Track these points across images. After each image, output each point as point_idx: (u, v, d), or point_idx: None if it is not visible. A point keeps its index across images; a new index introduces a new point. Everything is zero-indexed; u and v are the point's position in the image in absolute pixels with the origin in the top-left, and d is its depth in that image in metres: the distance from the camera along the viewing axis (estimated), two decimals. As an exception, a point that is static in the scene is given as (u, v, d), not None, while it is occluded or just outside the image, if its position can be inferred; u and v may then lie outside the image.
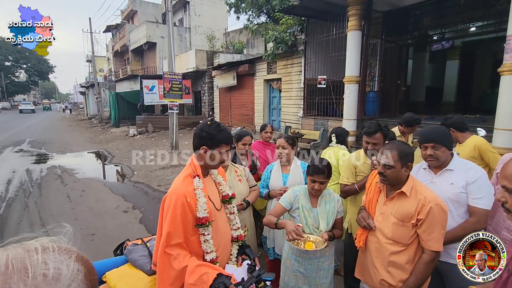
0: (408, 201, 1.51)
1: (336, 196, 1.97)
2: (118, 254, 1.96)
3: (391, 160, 1.52)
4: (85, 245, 3.81)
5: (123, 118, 17.10)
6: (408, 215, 1.50)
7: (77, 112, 37.27)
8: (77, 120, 25.98)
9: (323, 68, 8.22)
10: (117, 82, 21.38)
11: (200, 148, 1.48)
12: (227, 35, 16.73)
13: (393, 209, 1.56)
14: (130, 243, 1.91)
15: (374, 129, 2.13)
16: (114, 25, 25.52)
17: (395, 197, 1.57)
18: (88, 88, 27.28)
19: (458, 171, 1.72)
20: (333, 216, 1.90)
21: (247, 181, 2.49)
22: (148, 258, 1.74)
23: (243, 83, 11.93)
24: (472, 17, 6.98)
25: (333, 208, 1.92)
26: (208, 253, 1.45)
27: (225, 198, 1.65)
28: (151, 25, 18.69)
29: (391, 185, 1.59)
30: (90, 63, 28.66)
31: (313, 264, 1.91)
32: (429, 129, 1.82)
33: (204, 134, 1.47)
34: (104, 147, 11.49)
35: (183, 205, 1.39)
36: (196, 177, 1.48)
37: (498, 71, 4.59)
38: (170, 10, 8.91)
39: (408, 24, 8.09)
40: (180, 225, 1.38)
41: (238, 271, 1.43)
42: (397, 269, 1.54)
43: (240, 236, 1.67)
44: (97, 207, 5.12)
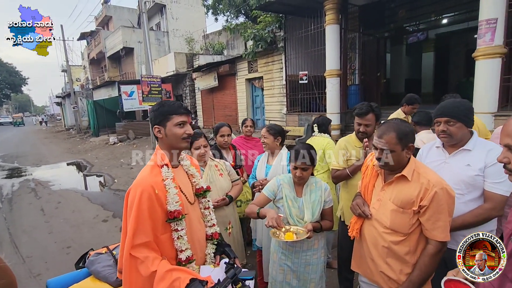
0: (409, 186, 1.35)
1: (323, 184, 1.82)
2: (80, 267, 1.75)
3: (389, 144, 1.34)
4: (60, 259, 3.53)
5: (102, 127, 16.49)
6: (409, 201, 1.34)
7: (54, 124, 35.76)
8: (54, 132, 24.88)
9: (304, 63, 8.19)
10: (94, 90, 20.66)
11: (153, 130, 1.33)
12: (206, 37, 16.52)
13: (391, 194, 1.40)
14: (93, 253, 1.71)
15: (366, 109, 1.99)
16: (89, 32, 24.70)
17: (394, 181, 1.41)
18: (65, 98, 26.21)
19: (477, 152, 1.53)
20: (319, 205, 1.75)
21: (229, 175, 2.33)
22: (113, 268, 1.56)
23: (225, 83, 11.77)
24: (444, 7, 7.15)
25: (320, 197, 1.76)
26: (183, 251, 1.28)
27: (199, 191, 1.47)
28: (127, 30, 18.19)
29: (390, 169, 1.41)
30: (65, 72, 27.60)
31: (300, 258, 1.78)
32: (445, 103, 1.61)
33: (151, 114, 1.35)
34: (83, 157, 10.98)
35: (150, 198, 1.20)
36: (164, 167, 1.30)
37: (472, 56, 4.68)
38: (145, 12, 8.65)
39: (384, 17, 8.21)
40: (148, 222, 1.19)
41: (215, 272, 1.26)
42: (397, 261, 1.39)
43: (215, 234, 1.49)
44: (74, 218, 4.79)
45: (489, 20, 4.31)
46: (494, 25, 4.30)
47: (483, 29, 4.40)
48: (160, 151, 1.35)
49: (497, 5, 4.24)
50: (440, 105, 1.63)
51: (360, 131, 2.03)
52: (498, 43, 4.31)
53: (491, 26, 4.32)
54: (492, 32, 4.32)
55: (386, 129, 1.36)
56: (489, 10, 4.31)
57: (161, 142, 1.35)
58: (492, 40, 4.34)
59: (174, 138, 1.31)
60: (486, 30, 4.37)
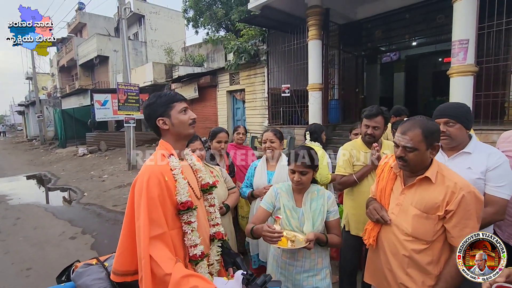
0: (434, 189, 1.24)
1: (326, 192, 1.62)
2: (63, 281, 1.47)
3: (413, 141, 1.23)
4: (18, 283, 3.05)
5: (71, 138, 15.42)
6: (433, 206, 1.23)
7: (15, 135, 33.01)
8: (14, 142, 22.94)
9: (286, 77, 8.30)
10: (63, 98, 19.47)
11: (157, 123, 1.22)
12: (186, 49, 16.39)
13: (413, 198, 1.29)
14: (81, 264, 1.44)
15: (376, 111, 1.94)
16: (60, 39, 23.55)
17: (416, 184, 1.29)
18: (28, 107, 24.42)
19: (477, 155, 1.49)
20: (321, 215, 1.55)
21: (225, 183, 2.16)
22: (105, 282, 1.31)
23: (205, 95, 11.60)
24: (416, 29, 7.67)
25: (322, 206, 1.57)
26: (197, 245, 1.14)
27: (205, 187, 1.35)
28: (102, 38, 17.57)
29: (412, 171, 1.30)
30: (30, 80, 25.85)
31: (301, 280, 1.55)
32: (443, 104, 1.57)
33: (148, 108, 1.24)
34: (47, 169, 10.09)
35: (160, 185, 1.09)
36: (171, 156, 1.20)
37: (447, 73, 4.96)
38: (124, 18, 8.38)
39: (361, 36, 8.64)
40: (160, 210, 1.07)
41: (230, 285, 1.08)
42: (418, 271, 1.27)
43: (218, 234, 1.36)
44: (36, 236, 4.26)
45: (462, 40, 4.63)
46: (466, 45, 4.62)
47: (456, 48, 4.71)
48: (165, 143, 1.24)
49: (468, 27, 4.58)
50: (438, 107, 1.61)
51: (368, 133, 1.96)
52: (470, 62, 4.62)
53: (463, 46, 4.63)
54: (465, 51, 4.63)
55: (412, 125, 1.26)
56: (461, 32, 4.64)
57: (167, 134, 1.25)
58: (465, 59, 4.65)
59: (182, 125, 1.23)
60: (459, 49, 4.68)
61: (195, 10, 14.14)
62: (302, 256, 1.56)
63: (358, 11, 7.79)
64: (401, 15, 7.47)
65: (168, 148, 1.23)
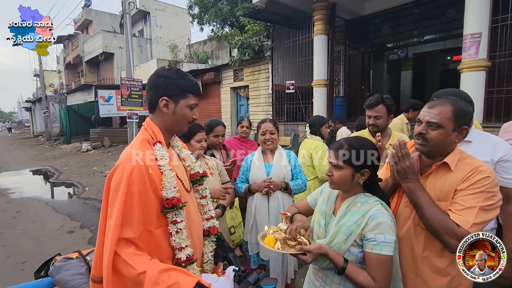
0: (453, 176, 1.09)
1: (373, 211, 1.10)
2: (42, 276, 1.37)
3: (440, 117, 1.07)
4: (12, 276, 2.99)
5: (75, 133, 15.51)
6: (450, 191, 1.09)
7: (22, 131, 33.39)
8: (21, 138, 23.17)
9: (291, 73, 8.16)
10: (68, 94, 19.57)
11: (159, 100, 1.05)
12: (190, 46, 16.32)
13: (432, 188, 1.12)
14: (60, 258, 1.34)
15: (376, 100, 1.86)
16: (66, 36, 23.75)
17: (433, 172, 1.14)
18: (35, 103, 24.66)
19: (478, 143, 1.39)
20: (346, 234, 1.10)
21: (219, 176, 2.04)
22: (86, 277, 1.21)
23: (209, 92, 11.51)
24: (425, 25, 7.45)
25: (354, 224, 1.10)
26: (182, 248, 1.00)
27: (195, 177, 1.21)
28: (108, 35, 17.61)
29: (429, 154, 1.14)
30: (38, 77, 26.09)
31: None
32: (444, 90, 1.49)
33: (163, 80, 1.05)
34: (51, 164, 10.12)
35: (142, 178, 0.94)
36: (157, 144, 1.04)
37: (458, 69, 4.78)
38: (128, 13, 8.32)
39: (368, 32, 8.45)
40: (137, 210, 0.91)
41: (220, 282, 0.97)
42: (438, 274, 1.14)
43: (213, 229, 1.23)
44: (34, 230, 4.21)
45: (474, 34, 4.44)
46: (478, 39, 4.43)
47: (468, 42, 4.52)
48: (152, 124, 1.08)
49: (481, 20, 4.39)
50: (436, 93, 1.51)
51: (370, 124, 1.89)
52: (482, 56, 4.44)
53: (475, 40, 4.45)
54: (477, 45, 4.45)
55: (442, 101, 1.12)
56: (473, 25, 4.45)
57: (161, 118, 1.09)
58: (477, 54, 4.46)
59: (181, 120, 1.09)
60: (471, 44, 4.49)
61: (200, 6, 14.05)
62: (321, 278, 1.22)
63: (365, 6, 7.60)
64: (410, 10, 7.27)
65: (156, 133, 1.07)
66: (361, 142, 1.17)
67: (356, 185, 1.18)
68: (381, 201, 1.15)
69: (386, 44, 9.38)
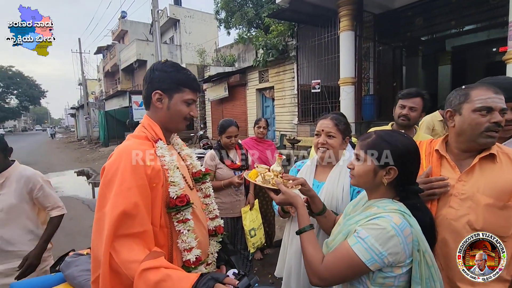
0: (502, 170, 1.00)
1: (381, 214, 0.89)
2: (56, 271, 1.42)
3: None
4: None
5: (112, 137, 16.56)
6: (508, 190, 0.98)
7: (68, 135, 36.35)
8: (66, 142, 25.28)
9: (316, 73, 7.96)
10: (106, 100, 21.03)
11: (152, 94, 1.01)
12: (218, 50, 16.69)
13: (479, 185, 1.02)
14: (72, 254, 1.39)
15: (416, 91, 1.76)
16: (105, 46, 25.56)
17: (477, 165, 1.04)
18: (79, 109, 26.82)
19: None
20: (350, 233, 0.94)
21: None
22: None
23: (235, 94, 11.64)
24: (464, 14, 6.84)
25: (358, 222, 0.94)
26: (189, 250, 0.96)
27: (198, 175, 1.18)
28: (141, 43, 18.63)
29: (462, 148, 1.05)
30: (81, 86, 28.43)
31: None
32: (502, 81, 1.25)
33: (157, 73, 1.01)
34: (90, 166, 10.89)
35: (138, 169, 0.90)
36: (159, 141, 1.01)
37: (503, 59, 4.33)
38: (157, 20, 8.70)
39: (399, 26, 7.96)
40: (140, 202, 0.88)
41: None
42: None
43: (219, 228, 1.19)
44: (70, 227, 4.51)
45: (522, 20, 3.98)
46: (527, 25, 3.96)
47: (514, 30, 4.06)
48: (152, 122, 1.04)
49: (530, 4, 3.92)
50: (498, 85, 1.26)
51: (403, 114, 1.73)
52: (532, 44, 3.95)
53: (523, 27, 3.98)
54: (525, 33, 3.98)
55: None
56: (521, 10, 3.99)
57: (156, 114, 1.05)
58: (525, 42, 3.99)
59: (176, 116, 1.04)
60: (518, 31, 4.03)
61: (226, 10, 14.32)
62: None
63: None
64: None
65: (156, 130, 1.03)
66: (394, 135, 0.97)
67: (382, 186, 0.96)
68: (405, 212, 0.89)
69: (420, 38, 8.78)
